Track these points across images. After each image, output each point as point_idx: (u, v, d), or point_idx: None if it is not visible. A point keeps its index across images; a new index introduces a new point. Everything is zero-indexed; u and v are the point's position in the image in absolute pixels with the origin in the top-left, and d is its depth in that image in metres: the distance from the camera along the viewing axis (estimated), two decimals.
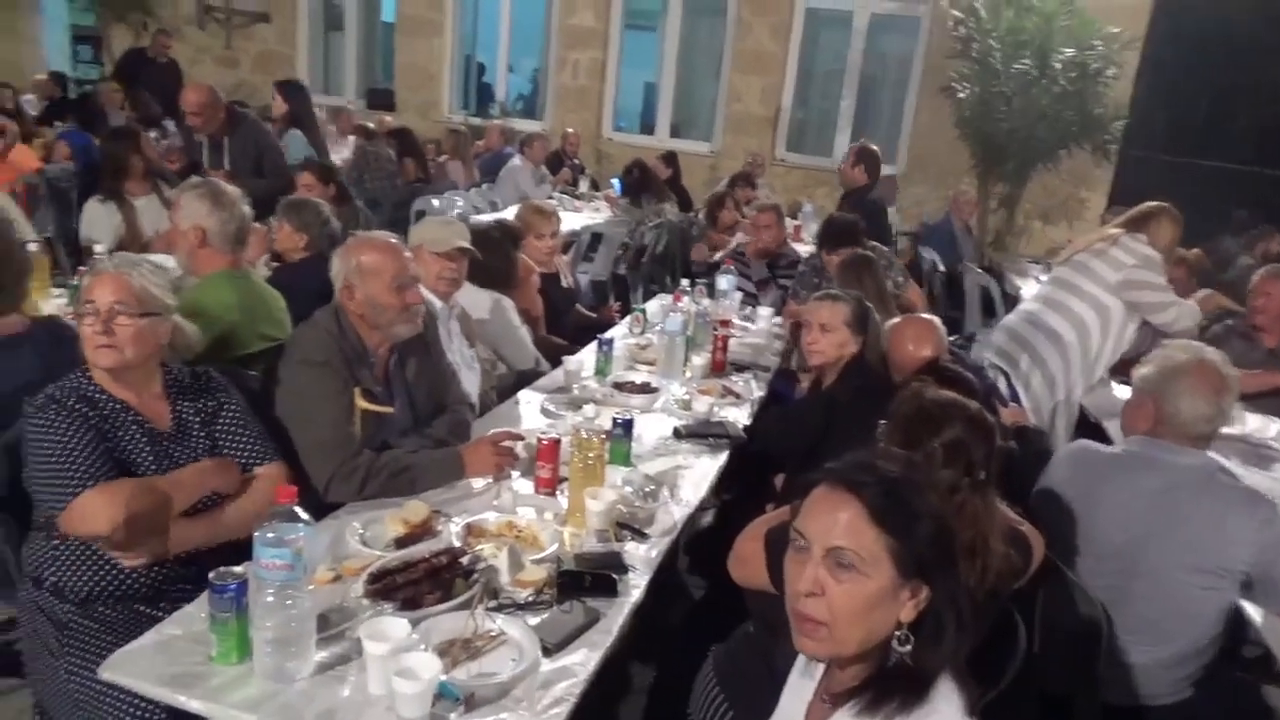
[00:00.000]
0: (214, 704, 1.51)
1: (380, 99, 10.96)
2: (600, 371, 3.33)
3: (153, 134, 7.09)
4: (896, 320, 3.07)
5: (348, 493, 2.23)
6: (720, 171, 8.85)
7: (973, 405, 1.88)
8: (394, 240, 2.44)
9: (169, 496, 1.96)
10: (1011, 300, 5.79)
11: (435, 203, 6.82)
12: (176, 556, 1.98)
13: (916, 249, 7.26)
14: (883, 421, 1.94)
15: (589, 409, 2.46)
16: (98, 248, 3.40)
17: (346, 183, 5.41)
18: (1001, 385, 3.78)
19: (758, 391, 3.42)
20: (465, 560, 1.89)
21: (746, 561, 1.80)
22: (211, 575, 1.54)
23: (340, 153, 7.43)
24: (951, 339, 3.48)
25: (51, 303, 3.39)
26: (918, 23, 9.12)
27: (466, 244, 3.11)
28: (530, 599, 1.83)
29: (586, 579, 1.88)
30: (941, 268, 6.50)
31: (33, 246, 3.35)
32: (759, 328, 4.29)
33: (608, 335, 3.46)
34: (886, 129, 9.40)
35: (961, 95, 8.05)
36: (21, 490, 1.98)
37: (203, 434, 2.09)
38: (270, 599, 1.51)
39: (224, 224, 2.86)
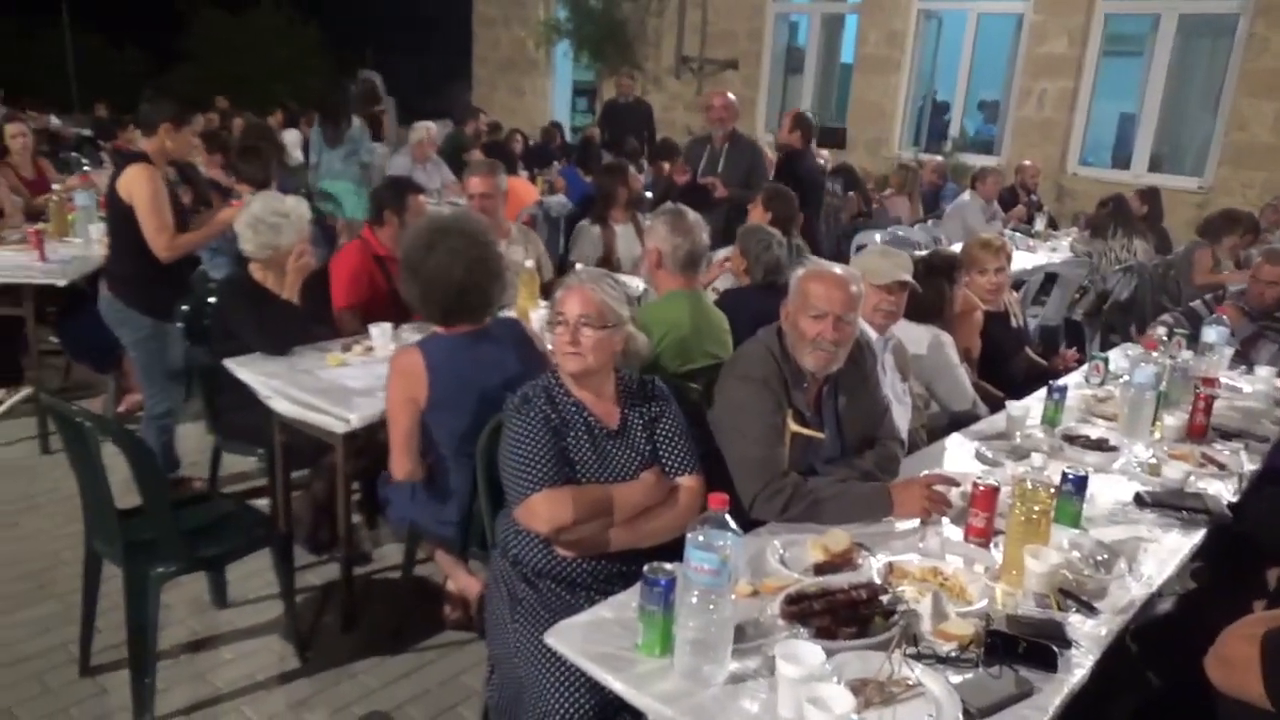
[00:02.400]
0: (635, 691, 1.59)
1: (830, 137, 11.18)
2: (1049, 420, 3.02)
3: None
4: None
5: (769, 512, 2.25)
6: (1210, 209, 7.66)
7: None
8: (841, 272, 2.41)
9: (610, 507, 2.13)
10: None
11: (877, 237, 6.76)
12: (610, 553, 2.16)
13: None
14: None
15: (1036, 458, 2.23)
16: (578, 266, 3.85)
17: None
18: None
19: (1249, 465, 2.85)
20: (886, 599, 1.80)
21: (1235, 666, 1.48)
22: (646, 568, 1.63)
23: None
24: None
25: (539, 313, 3.91)
26: None
27: (908, 277, 3.01)
28: (954, 654, 1.68)
29: (1021, 645, 1.69)
30: None
31: (529, 264, 3.91)
32: (1256, 390, 3.60)
33: (1060, 382, 3.13)
34: None
35: None
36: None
37: (644, 436, 2.25)
38: (695, 600, 1.55)
39: (675, 248, 3.09)
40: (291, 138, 9.72)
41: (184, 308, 3.50)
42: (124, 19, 18.31)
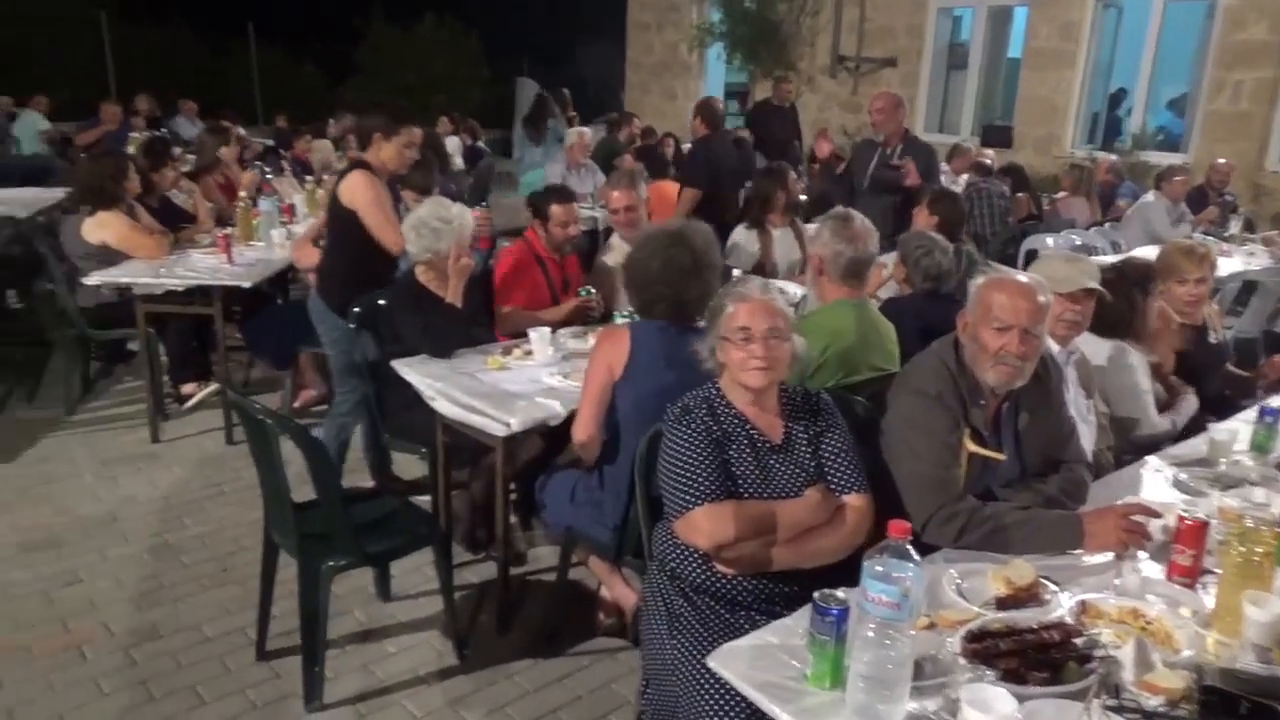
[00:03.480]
0: None
1: (996, 136, 10.67)
2: (1259, 447, 2.72)
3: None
4: None
5: (943, 537, 2.12)
6: None
7: None
8: (1026, 281, 2.24)
9: (774, 525, 2.06)
10: None
11: (1050, 241, 6.37)
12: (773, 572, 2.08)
13: None
14: None
15: (1258, 493, 2.00)
16: (735, 271, 3.78)
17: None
18: None
19: None
20: (1081, 642, 1.64)
21: None
22: (817, 595, 1.55)
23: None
24: None
25: None
26: None
27: (1095, 284, 2.79)
28: (1162, 709, 1.52)
29: (1243, 705, 1.50)
30: None
31: None
32: None
33: (1275, 403, 2.82)
34: None
35: None
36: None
37: (808, 451, 2.16)
38: (871, 634, 1.46)
39: (838, 255, 2.96)
40: (453, 145, 10.06)
41: (356, 309, 3.64)
42: (304, 36, 19.51)
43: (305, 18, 19.75)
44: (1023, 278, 2.28)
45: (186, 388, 4.89)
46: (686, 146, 10.58)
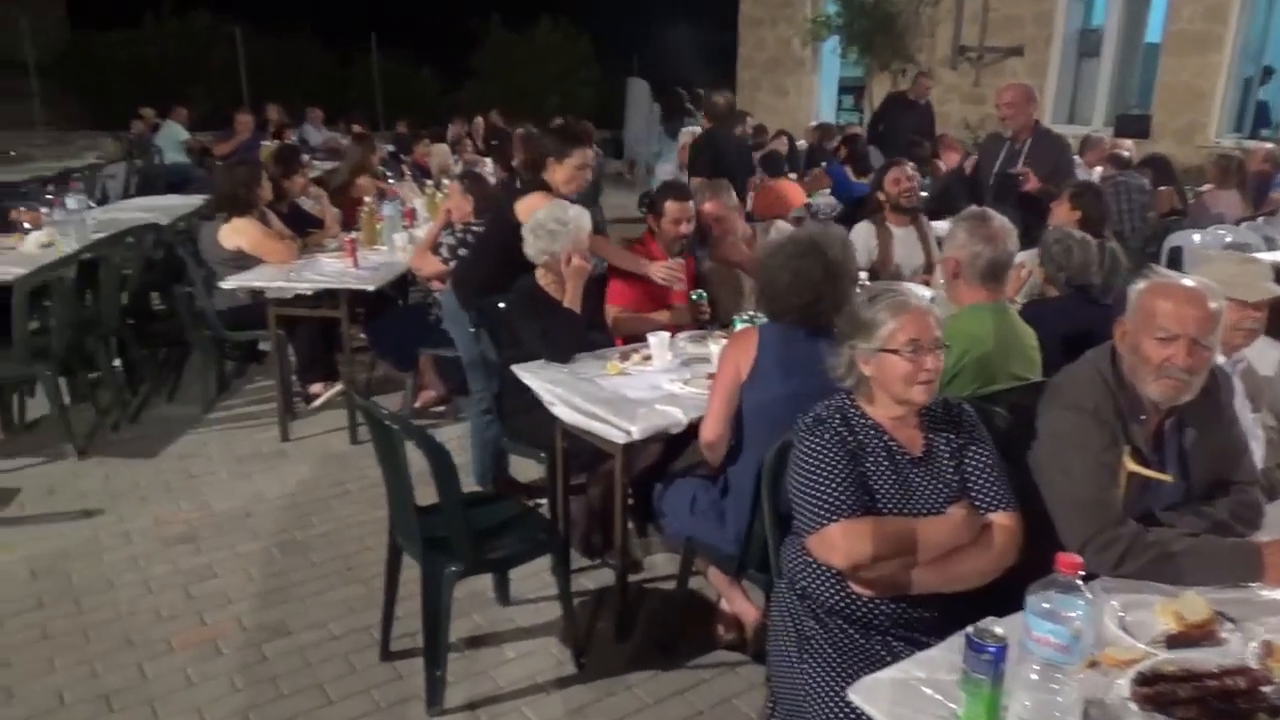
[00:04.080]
0: None
1: (1132, 125, 10.06)
2: None
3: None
4: None
5: (1101, 564, 1.95)
6: None
7: None
8: (1195, 286, 2.04)
9: (915, 544, 1.94)
10: None
11: (1196, 238, 5.93)
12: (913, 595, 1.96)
13: None
14: None
15: None
16: (863, 277, 3.63)
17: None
18: None
19: None
20: (1270, 691, 1.48)
21: None
22: (972, 630, 1.43)
23: None
24: None
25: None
26: None
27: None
28: None
29: None
30: None
31: None
32: None
33: None
34: None
35: None
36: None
37: (951, 465, 2.03)
38: (1034, 676, 1.34)
39: (976, 257, 2.80)
40: None
41: (476, 310, 3.67)
42: (423, 42, 20.13)
43: (424, 25, 20.35)
44: (1190, 282, 2.08)
45: (314, 388, 5.04)
46: (802, 144, 10.44)
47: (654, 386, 3.04)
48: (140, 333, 5.32)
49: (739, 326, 3.30)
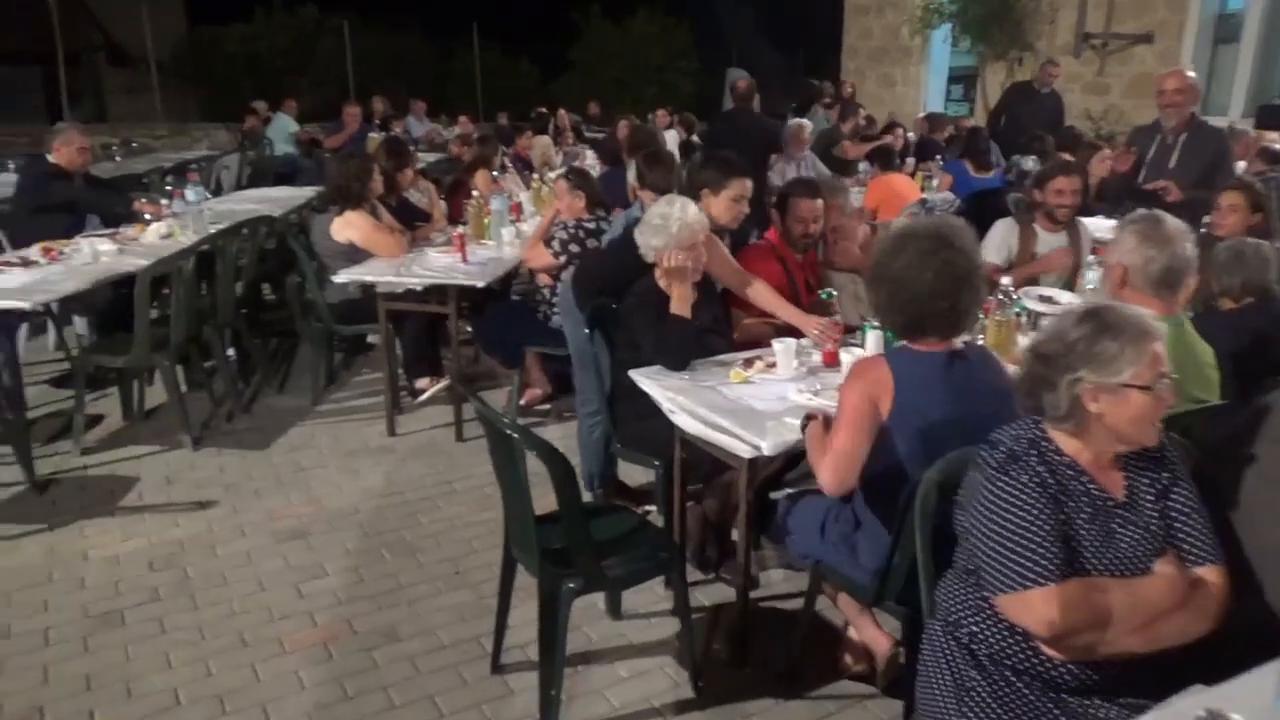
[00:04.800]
0: None
1: (1274, 116, 9.36)
2: None
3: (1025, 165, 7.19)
4: None
5: None
6: None
7: None
8: None
9: (1126, 613, 1.71)
10: None
11: None
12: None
13: None
14: None
15: None
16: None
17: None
18: None
19: None
20: None
21: None
22: (1205, 713, 1.22)
23: None
24: None
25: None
26: None
27: None
28: None
29: None
30: None
31: None
32: None
33: None
34: None
35: None
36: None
37: (1154, 510, 1.79)
38: None
39: (1148, 263, 2.54)
40: (670, 139, 9.97)
41: (590, 310, 3.54)
42: (522, 34, 20.21)
43: (524, 17, 20.45)
44: None
45: (420, 382, 5.02)
46: (912, 136, 10.03)
47: (781, 397, 2.86)
48: (253, 322, 5.40)
49: (870, 334, 3.10)
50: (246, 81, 17.32)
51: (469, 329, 5.24)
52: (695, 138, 11.34)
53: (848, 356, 2.98)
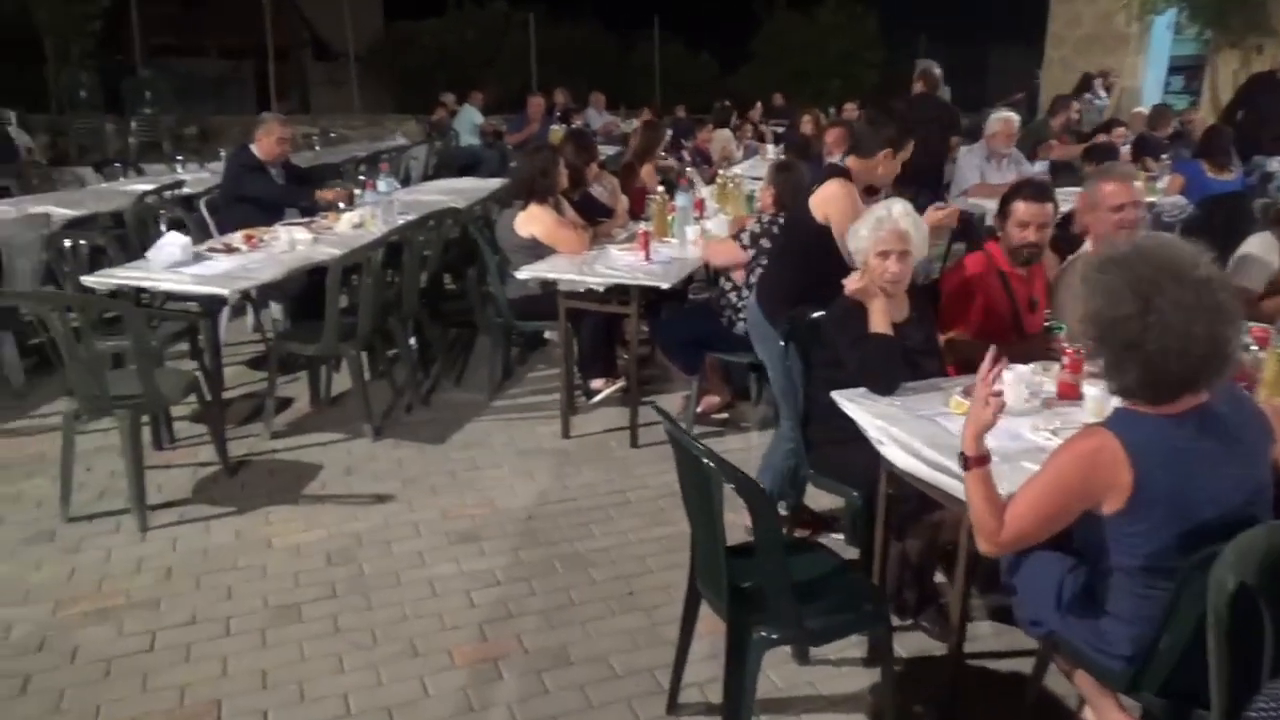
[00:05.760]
0: None
1: None
2: None
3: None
4: None
5: None
6: None
7: None
8: None
9: None
10: None
11: None
12: None
13: None
14: None
15: None
16: None
17: None
18: None
19: None
20: None
21: None
22: None
23: None
24: None
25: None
26: None
27: None
28: None
29: None
30: None
31: None
32: None
33: None
34: None
35: None
36: None
37: None
38: None
39: None
40: None
41: (786, 323, 3.25)
42: (702, 25, 20.01)
43: (705, 7, 20.23)
44: None
45: (595, 383, 4.87)
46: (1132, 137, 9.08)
47: (1014, 435, 2.48)
48: (433, 312, 5.42)
49: (1091, 392, 2.64)
50: (438, 74, 17.94)
51: (645, 329, 5.05)
52: None
53: (1095, 392, 2.56)
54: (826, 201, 3.28)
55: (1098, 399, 2.53)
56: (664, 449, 4.35)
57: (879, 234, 2.90)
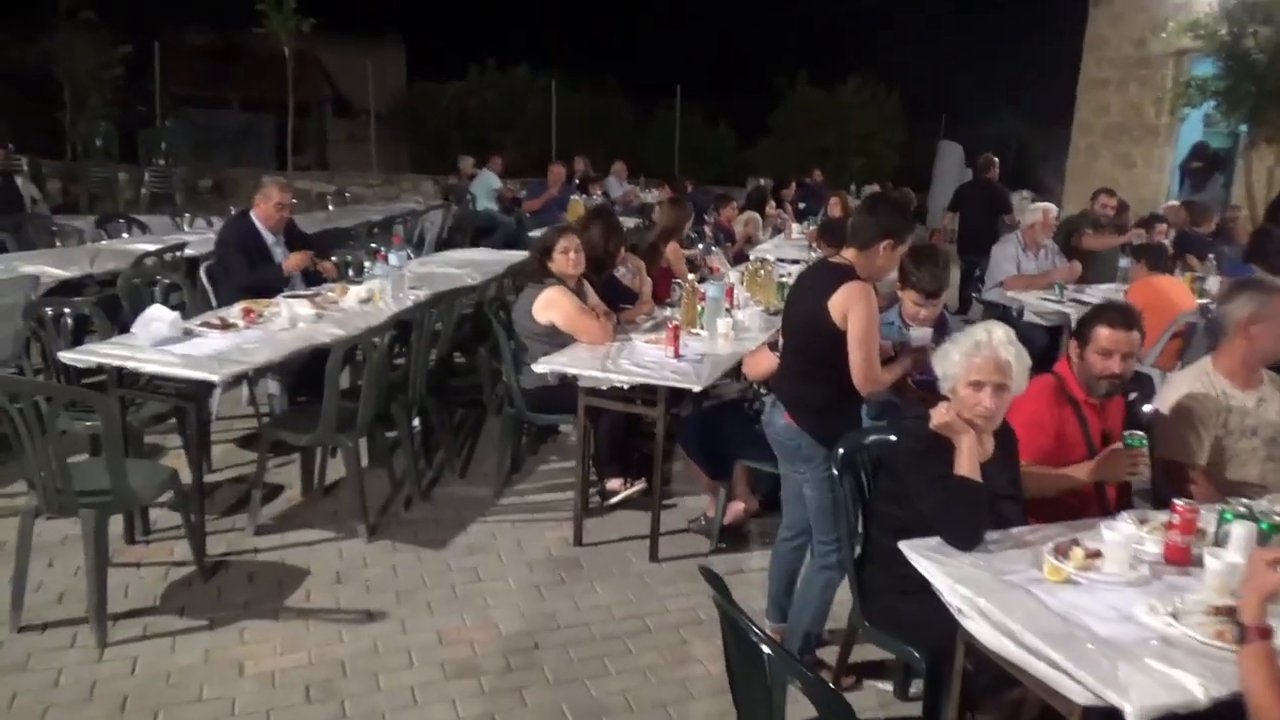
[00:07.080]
0: None
1: None
2: None
3: None
4: None
5: None
6: None
7: None
8: None
9: None
10: None
11: None
12: None
13: None
14: None
15: None
16: None
17: None
18: None
19: None
20: None
21: None
22: None
23: None
24: None
25: None
26: None
27: None
28: None
29: None
30: None
31: None
32: None
33: None
34: None
35: None
36: None
37: None
38: None
39: None
40: None
41: (840, 449, 2.86)
42: (723, 97, 19.96)
43: (726, 80, 20.25)
44: None
45: (612, 483, 4.47)
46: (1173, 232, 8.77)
47: (1125, 616, 2.08)
48: (440, 390, 5.05)
49: (1236, 529, 2.28)
50: (456, 136, 17.87)
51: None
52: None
53: (1216, 564, 2.16)
54: (848, 301, 2.91)
55: (1219, 574, 2.14)
56: (686, 564, 3.96)
57: (973, 360, 2.53)
